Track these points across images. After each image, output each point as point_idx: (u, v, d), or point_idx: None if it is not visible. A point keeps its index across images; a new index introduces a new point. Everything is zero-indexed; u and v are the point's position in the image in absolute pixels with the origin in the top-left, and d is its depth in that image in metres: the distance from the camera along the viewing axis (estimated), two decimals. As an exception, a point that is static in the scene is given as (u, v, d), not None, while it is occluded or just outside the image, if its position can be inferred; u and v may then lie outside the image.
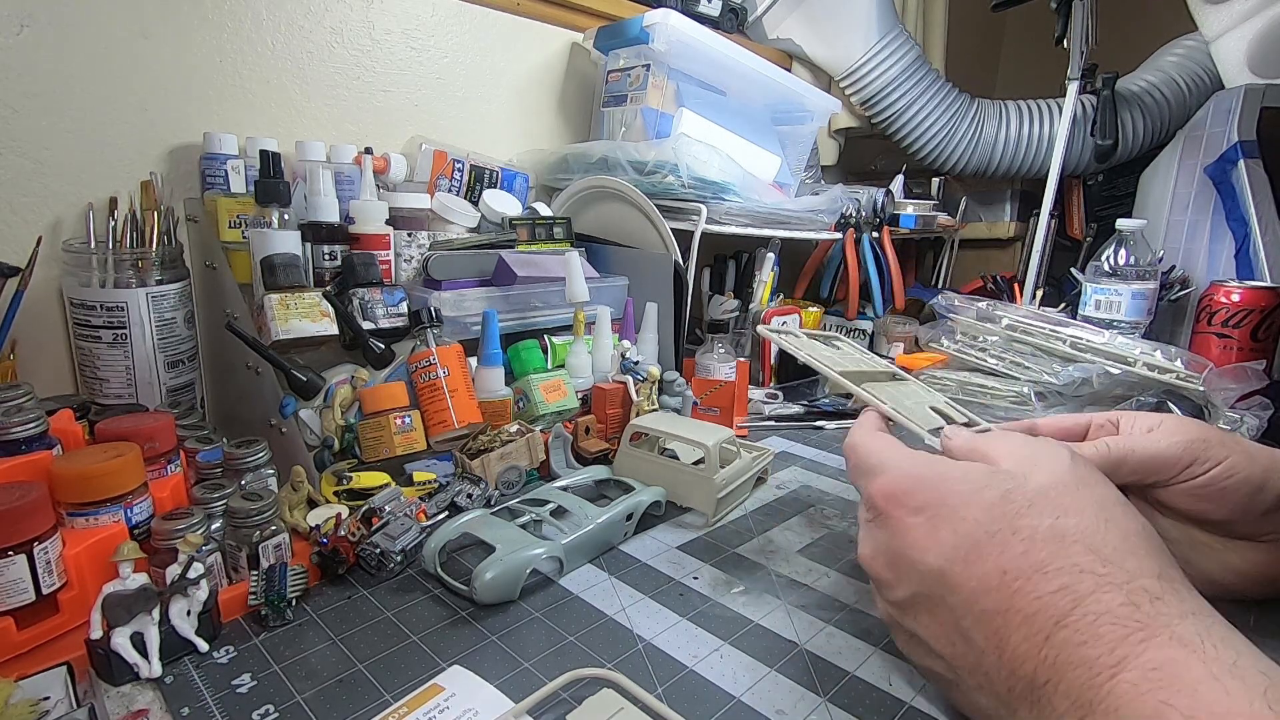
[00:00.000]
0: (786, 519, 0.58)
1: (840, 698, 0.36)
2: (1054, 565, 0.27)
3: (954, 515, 0.30)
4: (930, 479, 0.32)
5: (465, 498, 0.54)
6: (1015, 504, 0.29)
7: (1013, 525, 0.29)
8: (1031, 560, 0.28)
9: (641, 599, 0.45)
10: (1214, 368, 0.75)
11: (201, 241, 0.66)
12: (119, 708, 0.35)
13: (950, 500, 0.31)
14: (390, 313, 0.64)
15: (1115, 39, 1.31)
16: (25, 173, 0.64)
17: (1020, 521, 0.29)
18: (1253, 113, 1.07)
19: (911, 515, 0.32)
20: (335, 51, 0.82)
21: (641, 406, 0.67)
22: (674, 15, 0.90)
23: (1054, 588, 0.27)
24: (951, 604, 0.30)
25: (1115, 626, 0.25)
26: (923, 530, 0.31)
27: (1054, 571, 0.27)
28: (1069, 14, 1.14)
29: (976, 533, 0.29)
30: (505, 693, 0.35)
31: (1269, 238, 1.02)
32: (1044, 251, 1.23)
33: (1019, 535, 0.28)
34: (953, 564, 0.30)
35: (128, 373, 0.61)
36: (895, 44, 1.22)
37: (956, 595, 0.29)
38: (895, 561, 0.32)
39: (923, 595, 0.31)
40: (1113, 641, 0.25)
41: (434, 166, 0.84)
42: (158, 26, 0.69)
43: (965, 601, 0.29)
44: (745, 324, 1.01)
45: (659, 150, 0.86)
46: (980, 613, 0.29)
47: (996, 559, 0.28)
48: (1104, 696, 0.24)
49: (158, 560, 0.41)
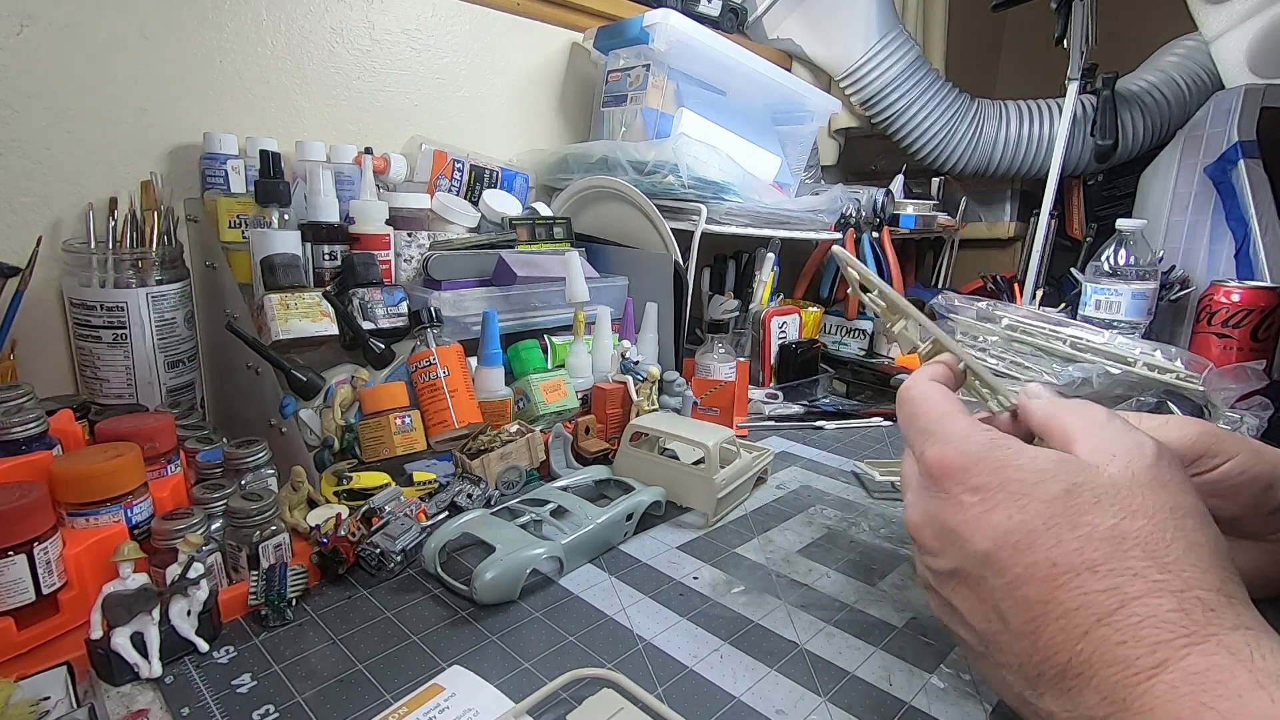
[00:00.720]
0: (786, 519, 0.58)
1: (840, 698, 0.36)
2: (1106, 565, 0.27)
3: (1012, 502, 0.29)
4: (992, 462, 0.31)
5: (465, 498, 0.54)
6: (1081, 499, 0.28)
7: (1073, 520, 0.28)
8: (1085, 557, 0.27)
9: (641, 599, 0.45)
10: (1214, 368, 0.75)
11: (201, 241, 0.66)
12: (119, 708, 0.35)
13: (1010, 487, 0.30)
14: (390, 313, 0.64)
15: (1115, 39, 1.31)
16: (25, 173, 0.64)
17: (1082, 518, 0.28)
18: (1253, 113, 1.07)
19: (968, 494, 0.31)
20: (335, 51, 0.82)
21: (641, 406, 0.67)
22: (674, 15, 0.90)
23: (1102, 587, 0.26)
24: (993, 585, 0.29)
25: (1160, 629, 0.25)
26: (976, 510, 0.30)
27: (1105, 572, 0.26)
28: (1069, 14, 1.14)
29: (1033, 522, 0.28)
30: (505, 693, 0.35)
31: (1269, 238, 1.02)
32: (1044, 251, 1.23)
33: (1077, 531, 0.28)
34: (1001, 549, 0.29)
35: (128, 373, 0.61)
36: (895, 44, 1.22)
37: (1001, 579, 0.29)
38: (942, 534, 0.32)
39: (965, 571, 0.31)
40: (1154, 644, 0.24)
41: (434, 166, 0.84)
42: (157, 26, 0.69)
43: (1007, 586, 0.28)
44: (745, 324, 1.01)
45: (659, 150, 0.86)
46: (1021, 599, 0.28)
47: (1048, 550, 0.28)
48: (1139, 695, 0.24)
49: (158, 560, 0.41)
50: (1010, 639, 0.29)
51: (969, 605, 0.31)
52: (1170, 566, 0.26)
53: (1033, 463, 0.30)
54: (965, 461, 0.31)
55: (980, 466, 0.31)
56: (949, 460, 0.32)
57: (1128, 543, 0.27)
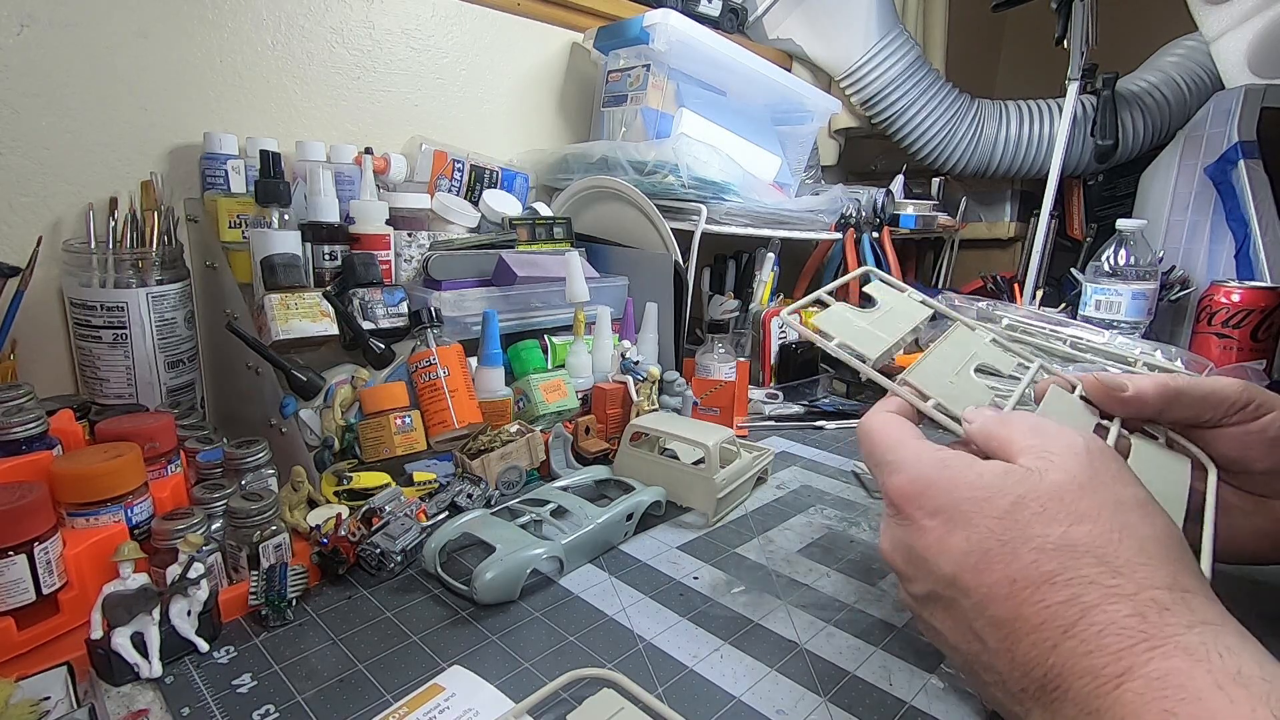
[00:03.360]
0: (786, 519, 0.58)
1: (840, 698, 0.36)
2: (1063, 576, 0.27)
3: (967, 522, 0.30)
4: (943, 483, 0.32)
5: (465, 498, 0.54)
6: (1028, 510, 0.29)
7: (1024, 534, 0.29)
8: (1041, 570, 0.28)
9: (641, 599, 0.45)
10: (1214, 368, 0.75)
11: (201, 241, 0.66)
12: (119, 708, 0.35)
13: (963, 506, 0.31)
14: (390, 313, 0.64)
15: (1115, 39, 1.31)
16: (25, 173, 0.64)
17: (1032, 530, 0.29)
18: (1253, 113, 1.07)
19: (928, 518, 0.32)
20: (335, 51, 0.82)
21: (641, 406, 0.67)
22: (674, 15, 0.90)
23: (1062, 598, 0.27)
24: (964, 606, 0.30)
25: (1120, 637, 0.25)
26: (937, 534, 0.31)
27: (1062, 583, 0.27)
28: (1069, 14, 1.14)
29: (988, 541, 0.29)
30: (505, 693, 0.35)
31: (1269, 238, 1.02)
32: (1044, 251, 1.23)
33: (1029, 545, 0.28)
34: (964, 570, 0.30)
35: (128, 373, 0.61)
36: (895, 44, 1.22)
37: (969, 599, 0.30)
38: (911, 559, 0.33)
39: (938, 594, 0.31)
40: (1117, 651, 0.25)
41: (434, 166, 0.84)
42: (158, 26, 0.69)
43: (976, 606, 0.29)
44: (745, 324, 1.01)
45: (659, 150, 0.86)
46: (991, 618, 0.29)
47: (1005, 568, 0.29)
48: (1111, 705, 0.24)
49: (158, 560, 0.41)
50: (990, 657, 0.29)
51: (948, 627, 0.32)
52: (1122, 569, 0.27)
53: (979, 479, 0.31)
54: (920, 486, 0.32)
55: (935, 490, 0.32)
56: (905, 487, 0.33)
57: (1079, 550, 0.28)
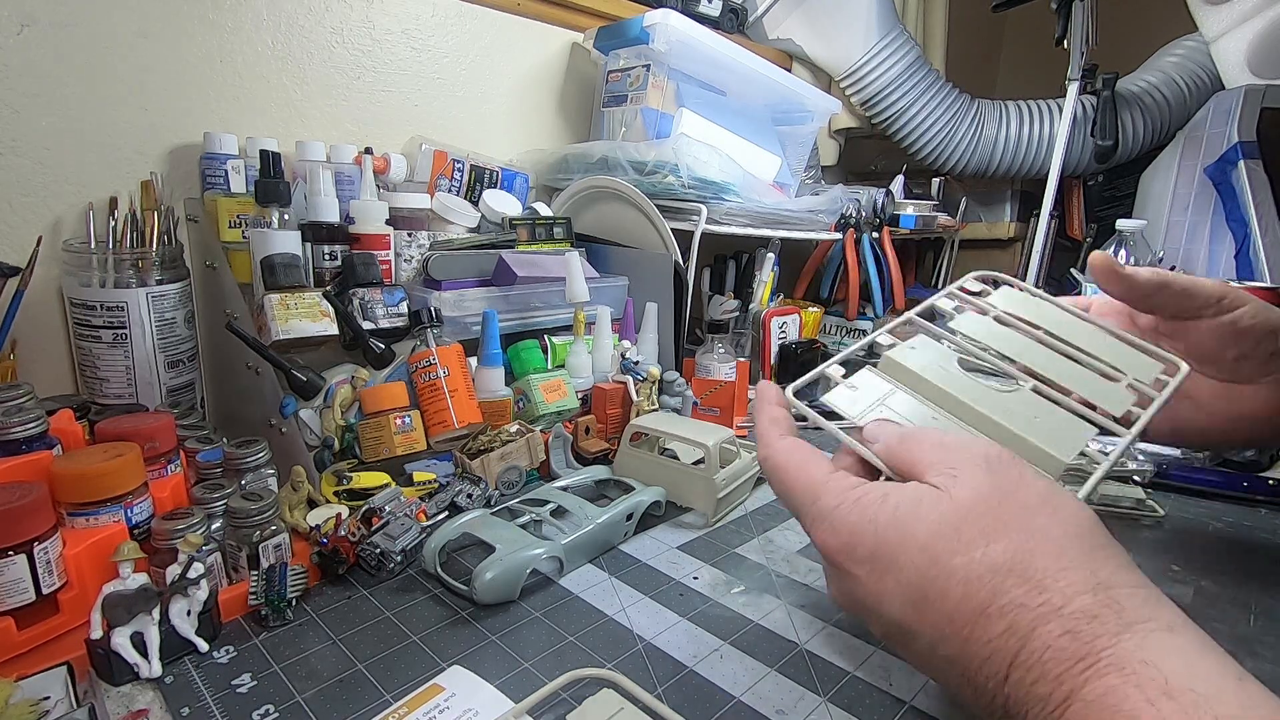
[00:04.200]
0: (786, 519, 0.58)
1: (840, 698, 0.36)
2: (995, 605, 0.27)
3: (894, 564, 0.30)
4: (865, 527, 0.31)
5: (465, 498, 0.54)
6: (945, 541, 0.29)
7: (948, 568, 0.28)
8: (974, 604, 0.27)
9: (641, 599, 0.45)
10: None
11: (201, 241, 0.66)
12: (119, 708, 0.35)
13: (885, 549, 0.30)
14: (390, 313, 0.64)
15: (1115, 39, 1.31)
16: (25, 173, 0.64)
17: (954, 561, 0.28)
18: (1253, 113, 1.07)
19: (858, 566, 0.31)
20: (335, 51, 0.82)
21: (641, 406, 0.67)
22: (674, 15, 0.90)
23: (999, 630, 0.27)
24: (918, 648, 0.30)
25: (1058, 660, 0.25)
26: (872, 583, 0.30)
27: (995, 613, 0.27)
28: (1069, 14, 1.14)
29: (918, 581, 0.29)
30: (505, 693, 0.35)
31: (1269, 238, 1.02)
32: (1044, 251, 1.23)
33: (955, 578, 0.28)
34: (905, 615, 0.29)
35: (128, 373, 0.61)
36: (895, 44, 1.22)
37: (919, 641, 0.29)
38: (859, 608, 0.32)
39: (895, 637, 0.31)
40: (1058, 677, 0.25)
41: (434, 166, 0.84)
42: (158, 26, 0.69)
43: (929, 647, 0.29)
44: (745, 324, 1.01)
45: (659, 150, 0.86)
46: (944, 657, 0.29)
47: (940, 606, 0.28)
48: None
49: (158, 560, 0.41)
50: (956, 688, 0.29)
51: (915, 662, 0.31)
52: (1045, 584, 0.26)
53: (895, 514, 0.30)
54: (844, 537, 0.31)
55: (857, 536, 0.31)
56: (830, 541, 0.32)
57: (1000, 573, 0.27)
